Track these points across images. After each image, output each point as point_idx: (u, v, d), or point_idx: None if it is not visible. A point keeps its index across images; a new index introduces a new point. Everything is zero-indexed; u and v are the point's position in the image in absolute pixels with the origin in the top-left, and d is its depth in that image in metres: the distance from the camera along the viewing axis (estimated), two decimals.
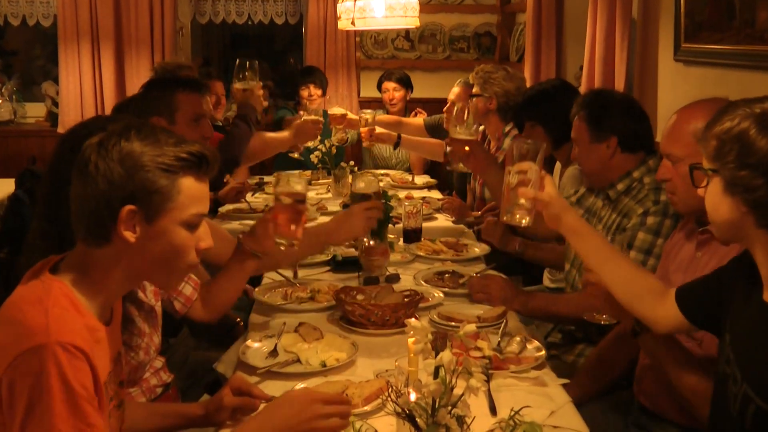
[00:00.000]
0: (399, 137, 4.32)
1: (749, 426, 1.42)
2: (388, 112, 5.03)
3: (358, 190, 2.51)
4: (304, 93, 4.88)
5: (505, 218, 1.84)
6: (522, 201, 1.79)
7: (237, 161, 3.23)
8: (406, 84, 5.05)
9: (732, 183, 1.41)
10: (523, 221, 1.82)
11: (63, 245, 1.42)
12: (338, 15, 4.10)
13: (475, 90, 3.84)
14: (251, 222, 3.49)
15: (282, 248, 2.09)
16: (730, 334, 1.52)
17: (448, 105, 4.40)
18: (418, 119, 4.70)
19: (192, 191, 1.34)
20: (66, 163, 1.47)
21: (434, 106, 5.48)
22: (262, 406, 1.68)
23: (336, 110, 4.12)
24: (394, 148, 4.47)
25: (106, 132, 1.32)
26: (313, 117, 3.65)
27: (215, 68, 4.93)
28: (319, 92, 4.90)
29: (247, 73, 3.30)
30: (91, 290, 1.33)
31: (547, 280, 3.23)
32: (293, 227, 2.07)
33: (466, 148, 2.70)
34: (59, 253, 1.38)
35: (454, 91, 4.34)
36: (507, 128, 3.78)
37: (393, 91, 4.99)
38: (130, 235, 1.30)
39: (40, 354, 1.20)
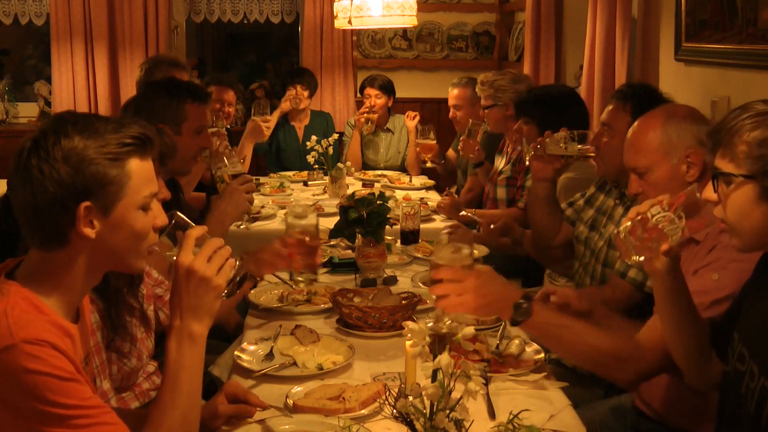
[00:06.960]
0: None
1: (767, 423, 1.39)
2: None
3: (227, 172, 2.63)
4: (291, 92, 4.81)
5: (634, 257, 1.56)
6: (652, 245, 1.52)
7: None
8: (389, 91, 4.87)
9: None
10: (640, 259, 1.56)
11: None
12: (335, 14, 4.08)
13: (486, 102, 3.79)
14: (249, 224, 3.50)
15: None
16: (740, 332, 1.50)
17: (451, 113, 4.33)
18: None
19: (141, 173, 1.34)
20: None
21: (432, 106, 5.47)
22: (257, 413, 1.66)
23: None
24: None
25: (40, 132, 1.29)
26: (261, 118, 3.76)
27: (230, 74, 4.82)
28: (306, 93, 4.85)
29: None
30: (54, 293, 1.31)
31: (547, 283, 3.20)
32: (311, 261, 2.21)
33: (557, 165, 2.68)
34: None
35: (453, 94, 4.29)
36: None
37: (375, 98, 4.81)
38: (90, 232, 1.29)
39: (10, 356, 1.19)
